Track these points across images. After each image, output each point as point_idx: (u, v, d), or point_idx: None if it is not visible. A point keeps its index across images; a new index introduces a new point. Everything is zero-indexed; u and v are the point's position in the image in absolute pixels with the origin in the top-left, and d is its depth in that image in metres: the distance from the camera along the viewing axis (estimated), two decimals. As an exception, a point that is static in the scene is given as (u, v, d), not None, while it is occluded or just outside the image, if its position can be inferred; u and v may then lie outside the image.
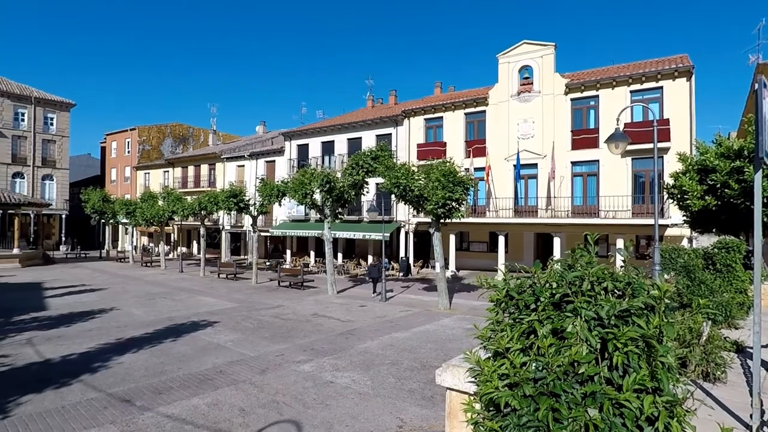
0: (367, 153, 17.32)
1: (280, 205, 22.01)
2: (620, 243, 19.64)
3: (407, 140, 26.32)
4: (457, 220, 15.84)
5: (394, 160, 17.40)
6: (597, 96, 21.32)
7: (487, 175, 22.93)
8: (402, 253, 25.59)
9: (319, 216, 20.28)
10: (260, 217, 23.49)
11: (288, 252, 31.32)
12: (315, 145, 30.05)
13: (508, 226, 22.47)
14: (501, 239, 22.24)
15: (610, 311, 2.30)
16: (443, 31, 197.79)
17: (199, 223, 26.75)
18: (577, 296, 2.45)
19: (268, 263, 30.16)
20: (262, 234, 30.39)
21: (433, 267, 25.26)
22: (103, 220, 36.29)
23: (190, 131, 49.42)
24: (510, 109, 23.35)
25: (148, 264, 31.10)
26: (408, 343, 10.63)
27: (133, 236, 38.66)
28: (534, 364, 2.40)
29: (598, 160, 21.05)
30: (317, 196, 18.81)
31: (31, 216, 38.56)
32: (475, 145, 24.10)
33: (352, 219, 27.16)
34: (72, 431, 6.04)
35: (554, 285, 2.57)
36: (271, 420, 6.39)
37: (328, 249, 18.71)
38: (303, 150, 30.76)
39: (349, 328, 12.24)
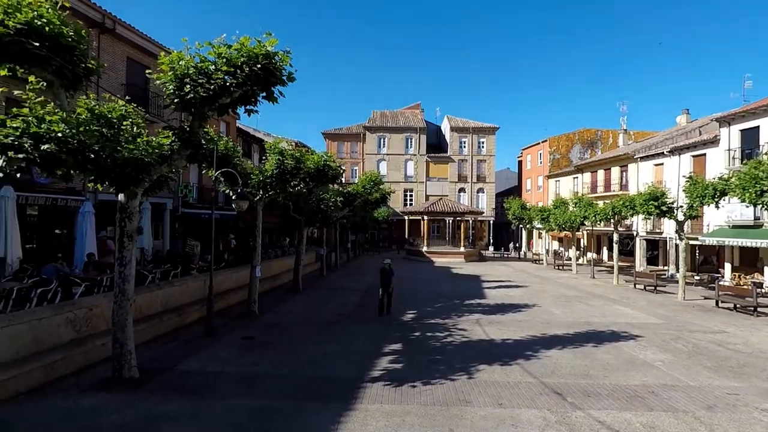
0: None
1: (716, 207, 17.91)
2: None
3: None
4: None
5: None
6: None
7: None
8: None
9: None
10: (686, 223, 19.92)
11: (727, 266, 25.06)
12: (769, 127, 22.67)
13: None
14: None
15: None
16: None
17: (611, 229, 25.68)
18: None
19: (697, 277, 25.24)
20: (689, 242, 25.71)
21: None
22: (520, 225, 41.28)
23: (598, 134, 48.55)
24: None
25: (560, 267, 32.69)
26: None
27: (545, 240, 41.87)
28: None
29: None
30: (780, 194, 14.02)
31: (470, 222, 48.68)
32: None
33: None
34: (518, 405, 6.99)
35: None
36: (733, 473, 5.13)
37: (800, 266, 13.56)
38: (750, 135, 23.83)
39: None
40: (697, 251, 27.85)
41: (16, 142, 5.82)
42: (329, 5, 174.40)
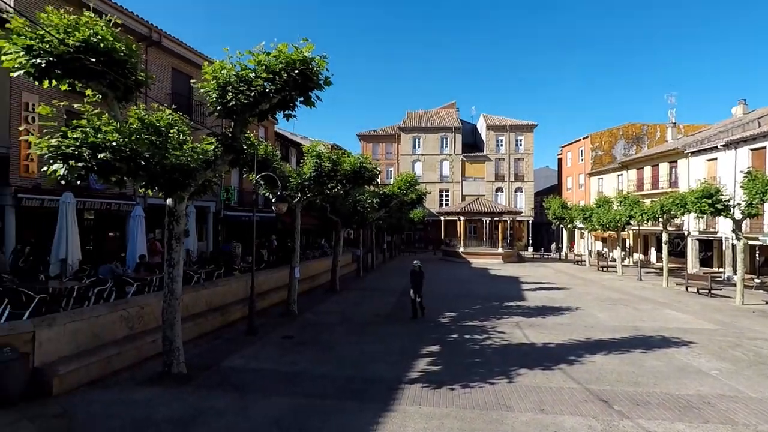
0: None
1: (778, 204, 16.70)
2: None
3: None
4: None
5: None
6: None
7: None
8: None
9: None
10: (744, 221, 18.64)
11: (790, 268, 23.34)
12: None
13: None
14: None
15: None
16: None
17: (660, 228, 24.48)
18: None
19: (757, 280, 23.62)
20: (748, 242, 24.10)
21: None
22: (561, 225, 40.02)
23: (644, 129, 46.37)
24: None
25: (604, 269, 31.43)
26: None
27: (587, 240, 40.38)
28: None
29: None
30: None
31: (507, 222, 47.70)
32: None
33: None
34: (561, 411, 6.78)
35: None
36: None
37: None
38: (814, 127, 22.12)
39: None
40: (757, 252, 26.08)
41: (77, 152, 6.23)
42: (363, 4, 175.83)
